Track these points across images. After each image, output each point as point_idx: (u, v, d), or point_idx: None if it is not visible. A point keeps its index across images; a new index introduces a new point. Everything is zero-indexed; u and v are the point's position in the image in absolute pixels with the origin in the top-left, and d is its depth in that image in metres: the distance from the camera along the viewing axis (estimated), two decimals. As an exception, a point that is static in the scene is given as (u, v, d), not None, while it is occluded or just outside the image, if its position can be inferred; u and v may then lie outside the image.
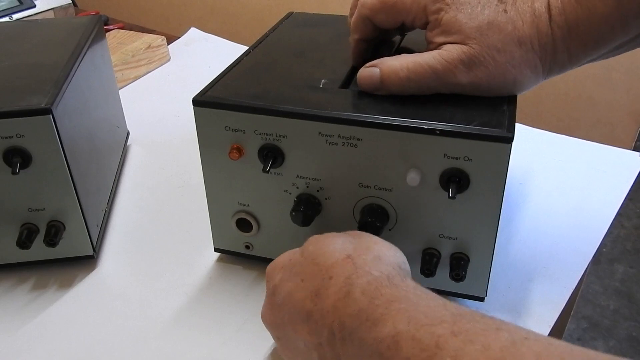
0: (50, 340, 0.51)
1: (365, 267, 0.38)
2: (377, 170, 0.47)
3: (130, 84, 0.95)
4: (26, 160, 0.50)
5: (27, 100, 0.50)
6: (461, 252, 0.49)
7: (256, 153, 0.49)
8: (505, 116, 0.45)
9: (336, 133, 0.46)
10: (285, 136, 0.48)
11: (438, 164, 0.45)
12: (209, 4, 1.58)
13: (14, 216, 0.53)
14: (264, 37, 0.62)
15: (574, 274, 0.56)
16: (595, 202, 0.65)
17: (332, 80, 0.52)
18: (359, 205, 0.50)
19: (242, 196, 0.52)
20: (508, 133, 0.43)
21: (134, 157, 0.76)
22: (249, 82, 0.52)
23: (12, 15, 1.06)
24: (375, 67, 0.48)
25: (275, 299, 0.42)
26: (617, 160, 0.73)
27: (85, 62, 0.60)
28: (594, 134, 0.79)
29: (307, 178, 0.50)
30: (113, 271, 0.58)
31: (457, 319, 0.31)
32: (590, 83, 1.11)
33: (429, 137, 0.44)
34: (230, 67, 0.54)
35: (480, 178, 0.44)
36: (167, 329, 0.51)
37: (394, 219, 0.49)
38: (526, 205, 0.65)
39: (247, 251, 0.56)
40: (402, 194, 0.48)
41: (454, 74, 0.45)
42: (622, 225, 1.95)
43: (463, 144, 0.43)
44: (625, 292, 1.71)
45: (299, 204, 0.50)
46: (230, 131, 0.49)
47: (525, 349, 0.28)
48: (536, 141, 0.77)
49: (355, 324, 0.35)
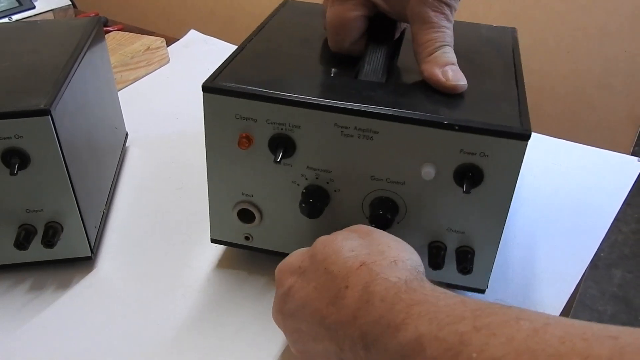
0: (48, 341, 0.50)
1: (382, 274, 0.37)
2: (391, 164, 0.47)
3: (129, 85, 0.95)
4: (24, 161, 0.50)
5: (26, 101, 0.50)
6: (467, 246, 0.49)
7: (266, 143, 0.48)
8: (521, 114, 0.45)
9: (353, 125, 0.46)
10: (299, 126, 0.47)
11: (454, 159, 0.45)
12: (208, 6, 1.58)
13: (11, 217, 0.53)
14: (263, 24, 0.61)
15: (571, 279, 0.56)
16: (594, 206, 0.66)
17: (343, 69, 0.51)
18: (369, 198, 0.49)
19: (246, 186, 0.51)
20: (525, 130, 0.43)
21: (133, 158, 0.76)
22: (258, 69, 0.51)
23: (11, 16, 1.06)
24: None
25: (288, 307, 0.42)
26: (616, 164, 0.73)
27: (85, 63, 0.60)
28: (593, 138, 0.80)
29: (318, 169, 0.49)
30: (111, 273, 0.58)
31: (477, 314, 0.32)
32: (589, 88, 1.11)
33: (447, 132, 0.44)
34: (235, 54, 0.53)
35: (495, 174, 0.45)
36: (165, 331, 0.51)
37: (404, 212, 0.49)
38: (524, 210, 0.65)
39: (247, 242, 0.55)
40: (414, 187, 0.48)
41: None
42: (619, 230, 1.95)
43: (481, 139, 0.44)
44: (623, 297, 1.71)
45: (308, 195, 0.49)
46: (241, 119, 0.48)
47: (548, 336, 0.28)
48: (535, 145, 0.76)
49: (377, 332, 0.34)
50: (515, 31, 0.64)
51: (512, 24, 1.13)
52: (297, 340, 0.43)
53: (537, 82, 1.14)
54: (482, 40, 0.61)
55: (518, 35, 0.63)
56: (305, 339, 0.41)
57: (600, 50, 1.07)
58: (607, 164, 0.73)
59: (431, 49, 0.49)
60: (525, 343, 0.28)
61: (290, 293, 0.42)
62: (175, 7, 1.66)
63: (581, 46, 1.08)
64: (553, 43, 1.10)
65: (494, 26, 0.65)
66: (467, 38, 0.50)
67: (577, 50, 1.09)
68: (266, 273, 0.56)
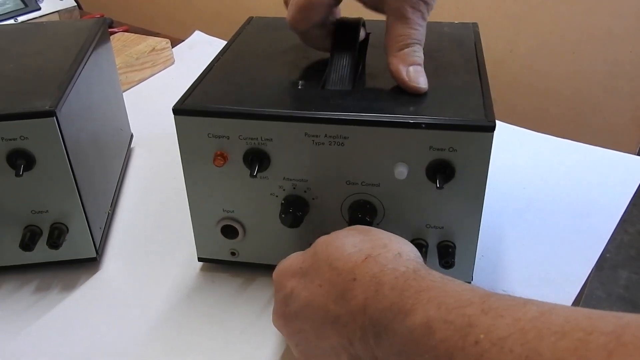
0: (53, 342, 0.51)
1: (389, 265, 0.38)
2: (365, 167, 0.48)
3: (134, 86, 0.95)
4: (30, 162, 0.50)
5: (31, 103, 0.50)
6: (448, 240, 0.50)
7: (241, 158, 0.49)
8: (484, 106, 0.47)
9: (323, 133, 0.47)
10: (271, 139, 0.48)
11: (424, 157, 0.46)
12: (213, 7, 1.59)
13: (17, 218, 0.53)
14: (230, 43, 0.62)
15: (576, 280, 0.56)
16: (599, 206, 0.65)
17: (310, 81, 0.52)
18: (347, 203, 0.50)
19: (226, 203, 0.52)
20: (490, 122, 0.44)
21: (138, 159, 0.76)
22: (227, 88, 0.52)
23: (17, 17, 1.06)
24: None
25: (290, 308, 0.42)
26: (622, 164, 0.73)
27: (90, 64, 0.60)
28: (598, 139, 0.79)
29: (294, 179, 0.50)
30: (116, 274, 0.58)
31: (485, 298, 0.32)
32: (595, 89, 1.11)
33: (415, 130, 0.45)
34: (204, 74, 0.54)
35: (465, 167, 0.46)
36: (170, 332, 0.51)
37: (382, 213, 0.50)
38: (529, 210, 0.65)
39: (233, 258, 0.56)
40: (389, 188, 0.49)
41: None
42: (625, 231, 1.94)
43: (448, 135, 0.45)
44: (629, 298, 1.71)
45: (288, 206, 0.50)
46: (214, 138, 0.49)
47: (554, 317, 0.29)
48: (540, 146, 0.77)
49: (387, 319, 0.35)
50: (477, 26, 0.65)
51: (517, 26, 1.13)
52: (300, 342, 0.43)
53: (543, 83, 1.14)
54: (444, 38, 0.62)
55: (522, 36, 0.63)
56: (310, 339, 0.41)
57: (606, 52, 1.07)
58: (612, 164, 0.73)
59: (402, 44, 0.50)
60: (532, 323, 0.29)
61: (293, 294, 0.42)
62: (180, 8, 1.67)
63: (586, 48, 1.08)
64: (558, 44, 1.10)
65: (456, 23, 0.66)
66: (430, 36, 0.51)
67: (582, 52, 1.09)
68: (271, 275, 0.56)
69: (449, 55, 0.58)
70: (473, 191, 0.47)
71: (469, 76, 0.53)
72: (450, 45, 0.60)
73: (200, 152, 0.50)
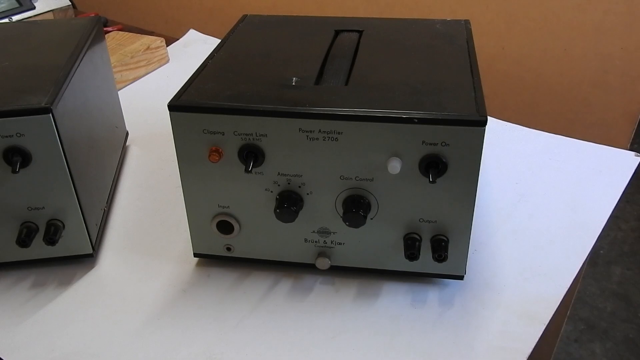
0: (49, 337, 0.51)
1: None
2: (358, 162, 0.49)
3: (129, 85, 0.96)
4: (26, 159, 0.51)
5: (27, 100, 0.50)
6: (441, 234, 0.51)
7: (236, 154, 0.50)
8: (476, 101, 0.47)
9: (317, 128, 0.48)
10: (266, 135, 0.49)
11: (417, 151, 0.47)
12: (207, 6, 1.59)
13: (13, 215, 0.53)
14: (224, 41, 0.63)
15: (568, 273, 0.56)
16: (591, 201, 0.66)
17: (304, 77, 0.53)
18: (341, 198, 0.51)
19: (222, 198, 0.53)
20: (482, 117, 0.45)
21: (133, 157, 0.76)
22: (222, 84, 0.52)
23: (11, 16, 1.07)
24: None
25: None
26: (613, 159, 0.73)
27: (85, 62, 0.60)
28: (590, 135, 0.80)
29: (289, 175, 0.50)
30: (112, 270, 0.58)
31: None
32: (586, 85, 1.12)
33: (407, 125, 0.46)
34: (199, 71, 0.55)
35: (458, 161, 0.47)
36: (166, 327, 0.52)
37: (376, 207, 0.51)
38: (522, 205, 0.66)
39: (228, 253, 0.56)
40: (383, 182, 0.49)
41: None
42: (619, 227, 1.95)
43: (441, 130, 0.46)
44: (622, 294, 1.72)
45: (282, 201, 0.51)
46: (209, 134, 0.49)
47: None
48: (532, 141, 0.77)
49: None
50: (469, 23, 0.66)
51: (509, 23, 1.13)
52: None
53: (534, 80, 1.14)
54: (437, 35, 0.63)
55: (514, 33, 0.64)
56: None
57: (596, 48, 1.08)
58: (604, 159, 0.73)
59: None
60: None
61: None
62: (175, 7, 1.67)
63: (577, 44, 1.09)
64: (549, 41, 1.10)
65: (448, 20, 0.67)
66: (423, 33, 0.52)
67: (573, 48, 1.10)
68: (266, 269, 0.57)
69: (442, 51, 0.59)
70: (465, 185, 0.48)
71: (461, 72, 0.54)
72: (443, 42, 0.61)
73: (196, 148, 0.50)
